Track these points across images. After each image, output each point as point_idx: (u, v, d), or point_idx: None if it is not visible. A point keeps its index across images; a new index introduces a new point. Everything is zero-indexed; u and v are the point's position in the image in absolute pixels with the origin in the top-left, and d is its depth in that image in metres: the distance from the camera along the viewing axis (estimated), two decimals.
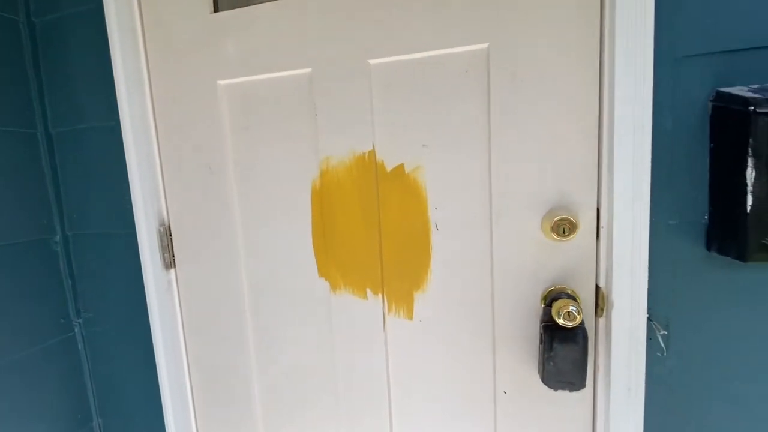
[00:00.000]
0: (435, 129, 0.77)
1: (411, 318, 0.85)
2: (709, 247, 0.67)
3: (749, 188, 0.59)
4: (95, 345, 1.11)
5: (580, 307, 0.68)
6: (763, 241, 0.59)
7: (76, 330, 1.11)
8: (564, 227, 0.71)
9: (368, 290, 0.86)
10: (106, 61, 0.94)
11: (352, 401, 0.90)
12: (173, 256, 0.98)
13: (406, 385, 0.87)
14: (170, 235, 0.98)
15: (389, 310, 0.86)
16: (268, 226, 0.90)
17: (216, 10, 0.87)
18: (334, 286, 0.88)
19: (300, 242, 0.89)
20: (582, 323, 0.69)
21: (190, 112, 0.91)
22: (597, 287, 0.74)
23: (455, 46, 0.73)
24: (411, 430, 0.88)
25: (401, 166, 0.80)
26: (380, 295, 0.85)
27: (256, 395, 0.98)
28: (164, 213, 0.97)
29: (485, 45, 0.72)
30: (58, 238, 1.07)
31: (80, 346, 1.12)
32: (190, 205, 0.94)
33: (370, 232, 0.84)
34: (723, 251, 0.64)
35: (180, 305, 1.00)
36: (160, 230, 0.96)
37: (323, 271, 0.88)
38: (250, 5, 0.84)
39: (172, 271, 0.99)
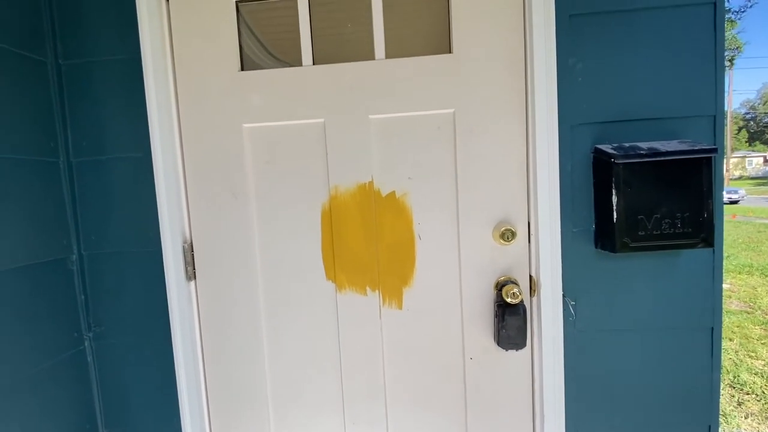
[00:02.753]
0: (418, 166, 1.07)
1: (401, 308, 1.11)
2: (596, 245, 1.03)
3: (614, 208, 0.96)
4: (104, 357, 1.21)
5: (520, 289, 1.01)
6: (624, 240, 0.96)
7: (86, 344, 1.19)
8: (508, 235, 1.04)
9: (367, 287, 1.11)
10: (136, 102, 1.10)
11: (354, 377, 1.13)
12: (194, 269, 1.14)
13: (397, 359, 1.12)
14: (192, 251, 1.14)
15: (384, 302, 1.11)
16: (284, 240, 1.12)
17: (243, 68, 1.09)
18: (340, 287, 1.11)
19: (311, 253, 1.11)
20: (522, 301, 1.01)
21: (216, 148, 1.10)
22: (530, 276, 1.07)
23: (433, 110, 1.04)
24: (400, 392, 1.13)
25: (393, 192, 1.08)
26: (377, 291, 1.11)
27: (268, 384, 1.16)
28: (187, 232, 1.14)
29: (452, 110, 1.04)
30: (74, 257, 1.17)
31: (89, 358, 1.20)
32: (214, 224, 1.12)
33: (369, 243, 1.09)
34: (603, 247, 1.01)
35: (198, 311, 1.16)
36: (184, 246, 1.12)
37: (330, 275, 1.12)
38: (272, 67, 1.08)
39: (193, 282, 1.15)
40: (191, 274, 1.14)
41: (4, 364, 0.97)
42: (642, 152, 0.93)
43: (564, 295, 1.05)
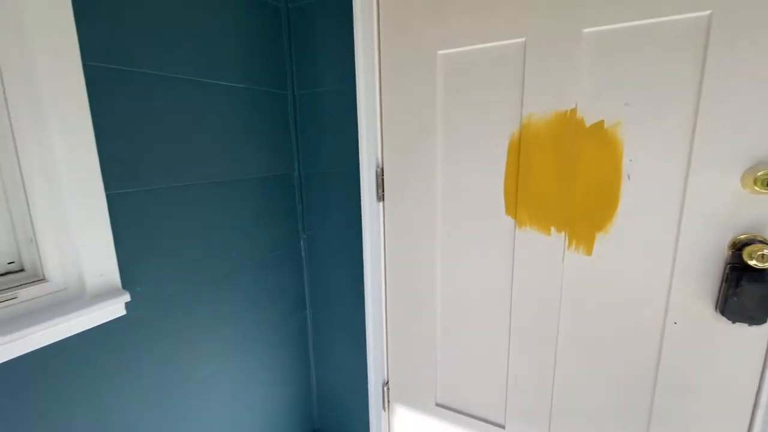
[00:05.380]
0: (640, 89, 0.88)
1: (590, 254, 1.01)
2: None
3: None
4: (312, 254, 1.51)
5: None
6: None
7: (301, 242, 1.51)
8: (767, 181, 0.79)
9: (552, 228, 1.04)
10: (344, 38, 1.22)
11: (523, 317, 1.12)
12: (383, 192, 1.28)
13: (576, 307, 1.05)
14: (382, 175, 1.27)
15: (569, 245, 1.03)
16: (465, 171, 1.12)
17: None
18: (519, 223, 1.08)
19: (492, 185, 1.09)
20: None
21: (410, 78, 1.15)
22: None
23: (675, 14, 0.82)
24: (575, 342, 1.06)
25: (601, 122, 0.93)
26: (563, 232, 1.03)
27: (438, 303, 1.26)
28: (380, 158, 1.26)
29: (707, 12, 0.79)
30: (295, 174, 1.45)
31: (303, 254, 1.53)
32: (402, 153, 1.21)
33: (561, 179, 1.00)
34: None
35: (384, 228, 1.31)
36: (377, 171, 1.26)
37: (510, 211, 1.09)
38: None
39: (381, 203, 1.29)
40: (380, 195, 1.28)
41: (255, 247, 1.32)
42: None
43: None
